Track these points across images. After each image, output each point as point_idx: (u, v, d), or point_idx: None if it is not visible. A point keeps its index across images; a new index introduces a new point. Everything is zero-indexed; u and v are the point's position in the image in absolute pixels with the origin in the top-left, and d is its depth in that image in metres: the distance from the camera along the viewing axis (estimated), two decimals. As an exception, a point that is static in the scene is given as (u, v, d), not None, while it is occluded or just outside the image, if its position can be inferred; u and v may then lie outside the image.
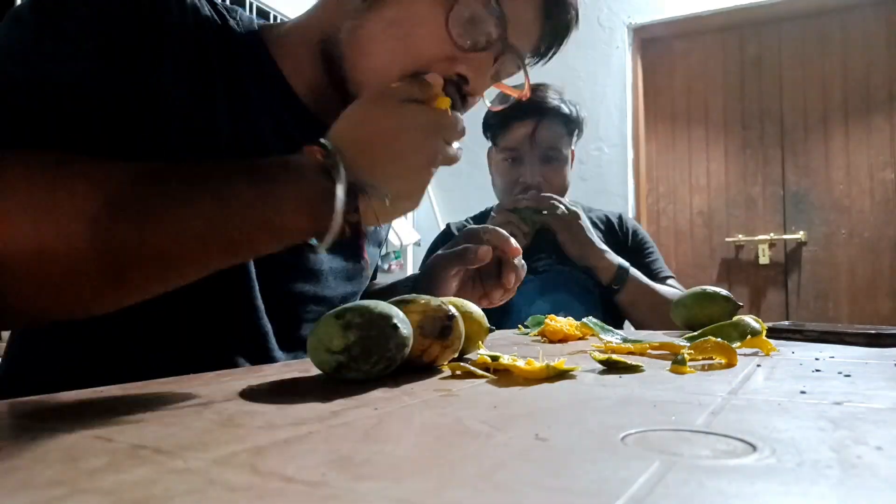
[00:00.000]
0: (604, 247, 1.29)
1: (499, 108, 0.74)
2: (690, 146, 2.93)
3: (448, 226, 1.50)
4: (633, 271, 1.28)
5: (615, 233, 1.44)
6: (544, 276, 1.33)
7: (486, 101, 0.70)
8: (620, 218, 1.48)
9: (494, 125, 1.39)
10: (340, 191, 0.47)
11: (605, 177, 2.88)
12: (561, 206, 1.27)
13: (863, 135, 2.64)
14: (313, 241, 0.51)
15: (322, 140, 0.50)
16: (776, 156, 2.77)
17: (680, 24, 2.88)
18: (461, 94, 0.63)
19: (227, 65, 0.64)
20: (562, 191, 1.37)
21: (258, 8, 2.83)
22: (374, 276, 0.94)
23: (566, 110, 1.36)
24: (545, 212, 1.27)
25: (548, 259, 1.34)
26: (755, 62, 2.83)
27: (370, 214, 0.52)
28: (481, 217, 1.48)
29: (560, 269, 1.33)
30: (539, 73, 0.69)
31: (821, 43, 2.72)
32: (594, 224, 1.42)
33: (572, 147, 1.41)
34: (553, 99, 1.35)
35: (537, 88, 1.35)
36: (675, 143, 2.96)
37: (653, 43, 3.01)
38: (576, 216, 1.28)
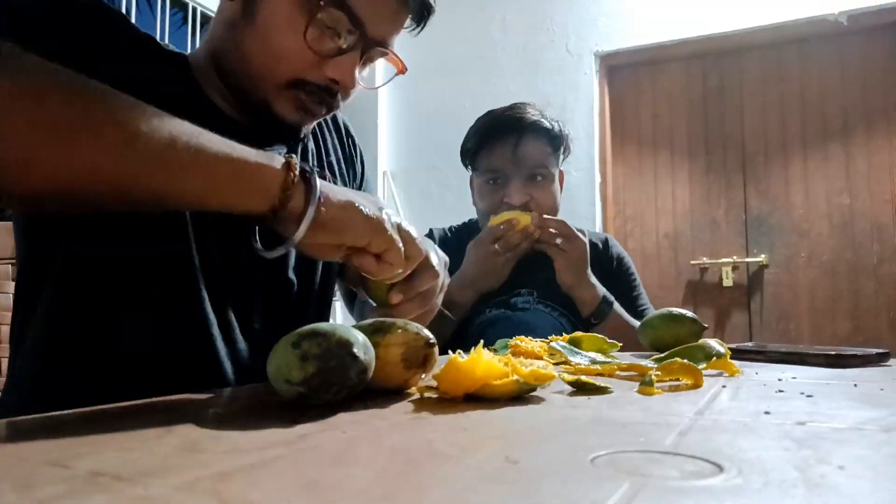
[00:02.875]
0: (594, 279, 1.23)
1: (376, 87, 0.81)
2: (656, 170, 2.99)
3: (431, 231, 1.41)
4: (616, 307, 1.23)
5: (600, 257, 1.37)
6: (522, 314, 1.27)
7: (360, 84, 0.72)
8: (607, 241, 1.42)
9: (472, 148, 1.32)
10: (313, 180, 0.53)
11: (573, 200, 2.92)
12: (564, 234, 1.20)
13: (820, 161, 2.73)
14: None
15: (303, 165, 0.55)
16: (738, 180, 2.85)
17: (646, 52, 2.96)
18: (333, 94, 0.70)
19: (155, 85, 0.67)
20: (552, 210, 1.30)
21: (202, 14, 2.81)
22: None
23: (547, 125, 1.29)
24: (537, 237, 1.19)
25: (528, 296, 1.28)
26: (717, 90, 2.91)
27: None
28: (464, 227, 1.41)
29: (538, 308, 1.27)
30: (508, 96, 0.70)
31: (779, 73, 2.82)
32: None
33: (560, 167, 1.35)
34: (533, 115, 1.28)
35: (516, 106, 1.30)
36: (642, 167, 3.02)
37: (619, 70, 3.08)
38: (581, 246, 1.21)
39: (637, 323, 1.22)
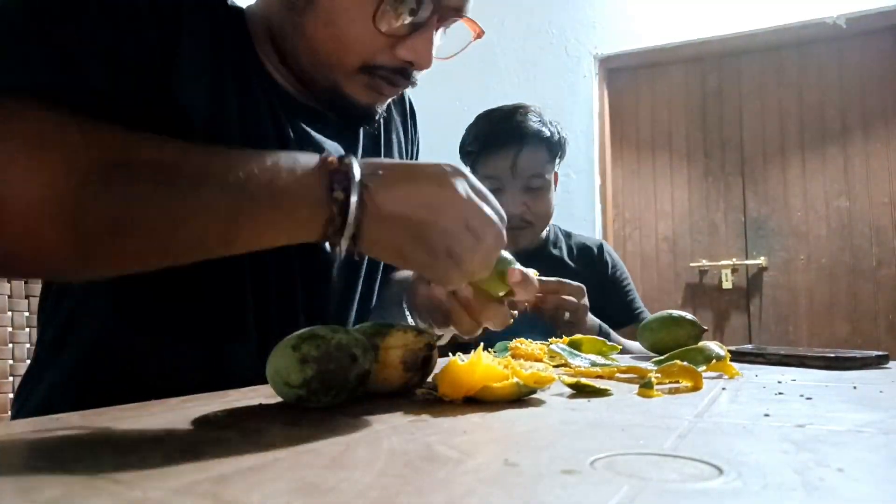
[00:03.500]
0: (590, 318, 1.17)
1: (451, 56, 0.70)
2: (655, 173, 2.99)
3: None
4: (613, 336, 1.19)
5: (594, 263, 1.40)
6: (524, 315, 1.29)
7: (436, 57, 0.67)
8: (601, 247, 1.44)
9: (473, 153, 1.34)
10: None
11: (572, 202, 2.92)
12: (569, 309, 1.11)
13: (818, 164, 2.73)
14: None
15: (350, 172, 0.46)
16: (737, 183, 2.85)
17: (644, 55, 2.96)
18: (407, 74, 0.64)
19: (237, 52, 0.64)
20: (546, 217, 1.34)
21: None
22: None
23: (547, 133, 1.32)
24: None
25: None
26: (716, 93, 2.92)
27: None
28: None
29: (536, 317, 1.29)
30: (507, 99, 0.69)
31: (778, 76, 2.82)
32: (571, 251, 1.39)
33: (556, 170, 1.37)
34: (533, 123, 1.31)
35: (517, 112, 1.32)
36: (641, 169, 3.02)
37: (618, 73, 3.09)
38: (584, 310, 1.13)
39: (631, 346, 1.23)
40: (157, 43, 0.57)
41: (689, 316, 0.88)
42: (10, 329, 1.05)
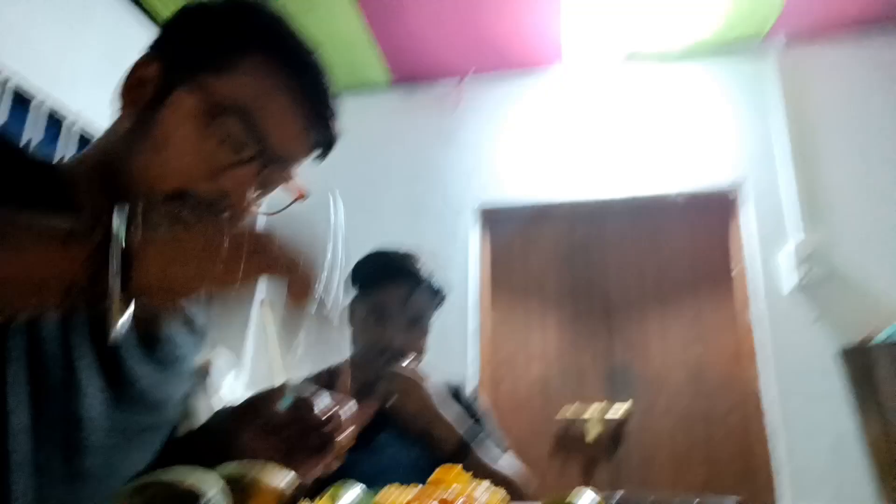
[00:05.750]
0: (446, 414, 1.21)
1: (274, 213, 0.71)
2: (528, 318, 3.13)
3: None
4: (481, 452, 1.21)
5: (456, 401, 1.36)
6: (382, 454, 1.21)
7: (252, 205, 0.68)
8: (458, 389, 1.44)
9: (366, 280, 1.37)
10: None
11: (447, 343, 2.95)
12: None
13: (674, 315, 2.98)
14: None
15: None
16: (603, 331, 3.03)
17: (521, 211, 3.21)
18: (217, 211, 0.63)
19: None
20: (421, 355, 1.36)
21: (81, 136, 2.64)
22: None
23: (436, 284, 1.40)
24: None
25: (388, 435, 1.23)
26: (582, 248, 3.18)
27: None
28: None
29: (400, 448, 1.23)
30: (392, 237, 0.69)
31: (635, 235, 3.14)
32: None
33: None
34: (428, 269, 1.40)
35: (415, 256, 1.40)
36: (514, 314, 3.15)
37: (496, 223, 3.30)
38: (417, 380, 1.23)
39: (501, 464, 1.21)
40: None
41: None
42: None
